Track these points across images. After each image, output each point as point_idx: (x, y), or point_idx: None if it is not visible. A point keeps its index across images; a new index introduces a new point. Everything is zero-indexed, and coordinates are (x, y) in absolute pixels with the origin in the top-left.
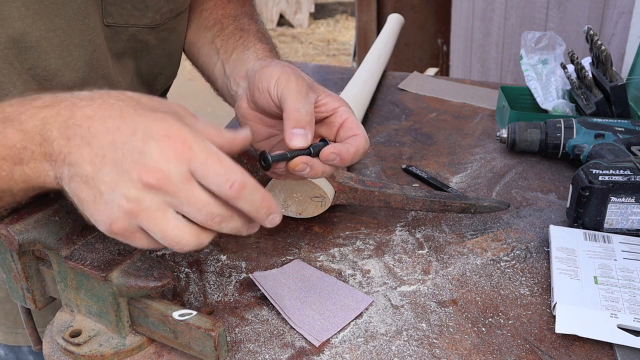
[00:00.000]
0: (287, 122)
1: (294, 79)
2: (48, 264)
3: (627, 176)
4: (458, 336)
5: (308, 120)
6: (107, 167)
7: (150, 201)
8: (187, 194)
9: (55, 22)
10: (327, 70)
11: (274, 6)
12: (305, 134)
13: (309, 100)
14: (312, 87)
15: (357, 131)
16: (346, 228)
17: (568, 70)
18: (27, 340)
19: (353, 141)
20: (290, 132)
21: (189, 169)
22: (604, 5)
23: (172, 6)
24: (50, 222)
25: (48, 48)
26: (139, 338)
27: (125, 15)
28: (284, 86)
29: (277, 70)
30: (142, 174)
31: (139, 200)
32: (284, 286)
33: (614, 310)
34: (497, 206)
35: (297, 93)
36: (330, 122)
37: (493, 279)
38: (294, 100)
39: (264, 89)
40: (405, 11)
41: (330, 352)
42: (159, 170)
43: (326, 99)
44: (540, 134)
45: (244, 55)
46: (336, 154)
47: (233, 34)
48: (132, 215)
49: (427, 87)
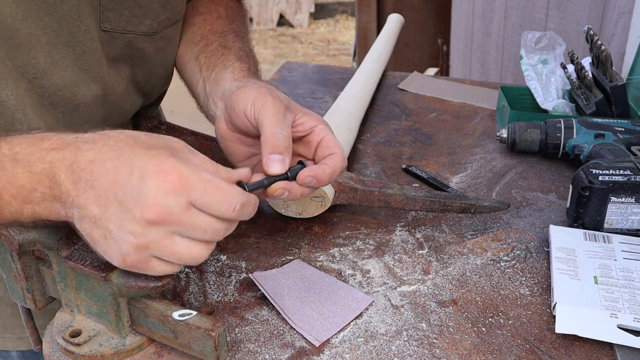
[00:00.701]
0: (265, 148)
1: (270, 100)
2: (48, 264)
3: (627, 176)
4: (458, 336)
5: (286, 146)
6: (111, 208)
7: (157, 233)
8: (189, 221)
9: (45, 21)
10: (327, 70)
11: (274, 6)
12: (283, 159)
13: (286, 122)
14: (289, 107)
15: (334, 150)
16: (346, 228)
17: (568, 70)
18: (15, 345)
19: (329, 161)
20: (267, 157)
21: (189, 200)
22: (604, 5)
23: (168, 14)
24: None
25: (37, 46)
26: (139, 338)
27: (123, 21)
28: (260, 108)
29: (253, 92)
30: (144, 211)
31: (145, 235)
32: (284, 286)
33: (614, 310)
34: (497, 206)
35: (274, 116)
36: (308, 141)
37: (493, 279)
38: (270, 125)
39: (240, 111)
40: (405, 11)
41: (330, 352)
42: (159, 205)
43: (303, 118)
44: (540, 134)
45: (222, 75)
46: (312, 177)
47: (216, 51)
48: (142, 248)
49: (427, 87)
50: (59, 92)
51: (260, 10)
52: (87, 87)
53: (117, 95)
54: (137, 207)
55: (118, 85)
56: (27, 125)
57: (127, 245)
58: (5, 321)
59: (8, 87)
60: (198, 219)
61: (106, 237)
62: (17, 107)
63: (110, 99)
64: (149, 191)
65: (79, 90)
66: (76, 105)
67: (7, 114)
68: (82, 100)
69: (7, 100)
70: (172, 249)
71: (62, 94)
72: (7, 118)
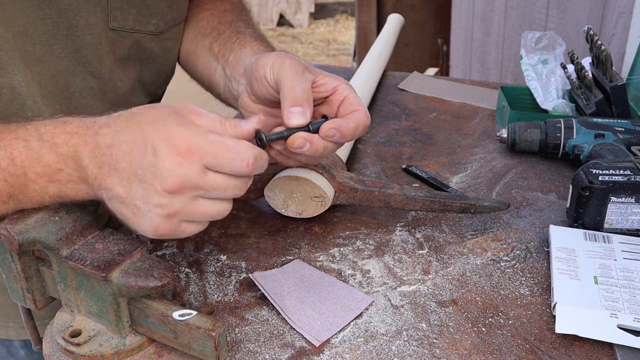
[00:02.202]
0: (284, 102)
1: (288, 61)
2: (48, 264)
3: (627, 176)
4: (458, 336)
5: (305, 98)
6: (135, 186)
7: (181, 201)
8: (208, 184)
9: (45, 12)
10: (327, 70)
11: (274, 6)
12: (303, 111)
13: (305, 78)
14: (308, 68)
15: (357, 107)
16: (346, 228)
17: (568, 70)
18: (18, 334)
19: (353, 116)
20: (287, 110)
21: (202, 164)
22: (604, 5)
23: (175, 14)
24: (50, 222)
25: (34, 35)
26: (139, 338)
27: (131, 20)
28: (279, 68)
29: (271, 57)
30: (164, 184)
31: (171, 204)
32: (284, 286)
33: (614, 310)
34: (497, 206)
35: (293, 72)
36: (331, 100)
37: (493, 279)
38: (289, 80)
39: (261, 77)
40: (405, 11)
41: (330, 352)
42: (175, 177)
43: (325, 79)
44: (540, 134)
45: (241, 54)
46: (336, 129)
47: (229, 37)
48: (171, 216)
49: (427, 87)
50: (53, 79)
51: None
52: (82, 78)
53: (119, 94)
54: (156, 181)
55: (122, 84)
56: (36, 113)
57: (157, 217)
58: (7, 310)
59: (19, 73)
60: (215, 180)
61: (135, 213)
62: (28, 94)
63: (111, 96)
64: (163, 165)
65: (73, 80)
66: (70, 94)
67: (19, 100)
68: (75, 90)
69: (19, 87)
70: (199, 210)
71: (56, 81)
72: (19, 105)
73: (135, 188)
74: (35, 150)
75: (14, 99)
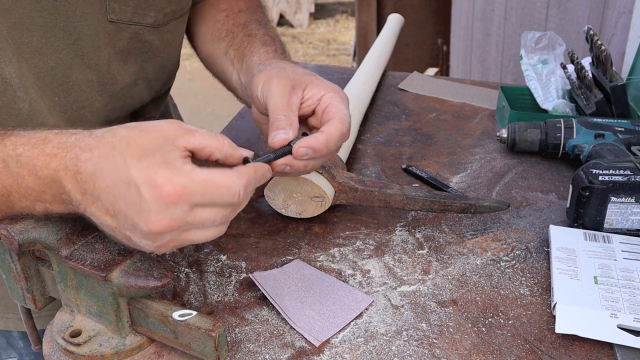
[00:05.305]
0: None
1: (274, 84)
2: (48, 264)
3: (627, 176)
4: (458, 336)
5: (288, 123)
6: (121, 219)
7: (171, 236)
8: (197, 220)
9: (42, 3)
10: (327, 70)
11: (274, 6)
12: (285, 132)
13: (290, 103)
14: (295, 84)
15: (332, 115)
16: (346, 228)
17: (568, 70)
18: (17, 326)
19: (325, 128)
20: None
21: (190, 204)
22: (604, 5)
23: (174, 7)
24: (50, 222)
25: (31, 26)
26: (139, 338)
27: (129, 12)
28: (267, 90)
29: (262, 78)
30: (150, 226)
31: (160, 238)
32: (284, 286)
33: (614, 310)
34: (497, 206)
35: (279, 99)
36: (317, 111)
37: (493, 279)
38: (274, 110)
39: (255, 97)
40: (405, 11)
41: (330, 352)
42: (161, 220)
43: (312, 91)
44: (540, 134)
45: (251, 64)
46: (307, 147)
47: (242, 41)
48: (163, 247)
49: (427, 87)
50: (51, 71)
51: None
52: (80, 71)
53: (118, 87)
54: (142, 222)
55: (122, 78)
56: (29, 105)
57: (149, 247)
58: (7, 301)
59: (11, 65)
60: (204, 215)
61: (127, 239)
62: (20, 86)
63: (110, 89)
64: (148, 207)
65: (71, 73)
66: (69, 88)
67: (10, 92)
68: (74, 83)
69: (10, 78)
70: (191, 239)
71: (54, 73)
72: (10, 96)
73: (122, 222)
74: (15, 172)
75: (5, 90)
